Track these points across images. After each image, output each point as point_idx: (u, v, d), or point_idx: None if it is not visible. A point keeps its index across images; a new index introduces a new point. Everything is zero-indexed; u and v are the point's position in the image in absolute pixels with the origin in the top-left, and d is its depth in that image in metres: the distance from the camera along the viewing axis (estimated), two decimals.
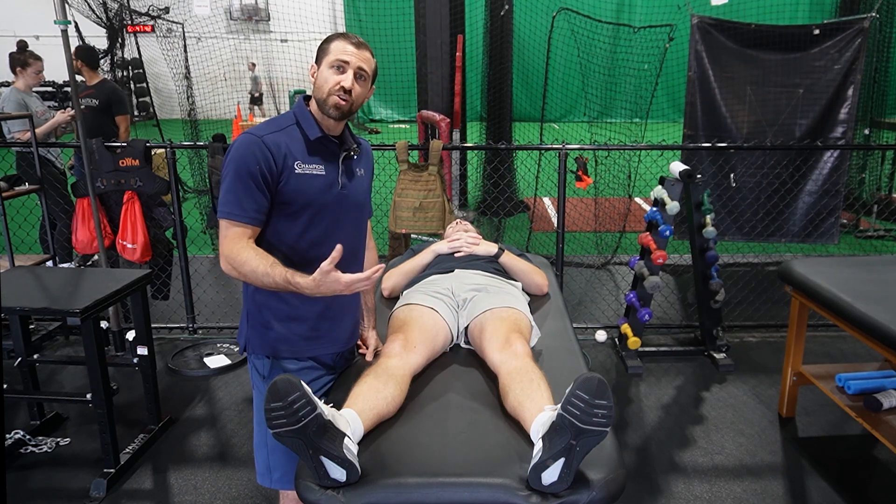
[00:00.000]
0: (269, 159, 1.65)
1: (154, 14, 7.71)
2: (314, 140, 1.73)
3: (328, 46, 1.74)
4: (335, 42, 1.74)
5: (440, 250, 2.61)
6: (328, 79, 1.71)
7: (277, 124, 1.74)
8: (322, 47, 1.76)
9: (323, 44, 1.76)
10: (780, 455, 2.88)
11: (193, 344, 4.00)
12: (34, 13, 13.07)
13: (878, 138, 6.55)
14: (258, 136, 1.67)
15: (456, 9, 6.23)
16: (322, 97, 1.72)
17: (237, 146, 1.67)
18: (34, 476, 2.75)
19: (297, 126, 1.75)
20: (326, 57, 1.73)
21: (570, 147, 3.89)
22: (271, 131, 1.71)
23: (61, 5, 3.13)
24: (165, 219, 3.95)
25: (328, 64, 1.72)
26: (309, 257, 1.74)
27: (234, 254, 1.65)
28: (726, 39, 4.74)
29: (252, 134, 1.68)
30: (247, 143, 1.66)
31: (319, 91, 1.73)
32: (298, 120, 1.76)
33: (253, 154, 1.64)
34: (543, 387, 1.65)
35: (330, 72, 1.71)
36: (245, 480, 2.71)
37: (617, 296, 4.76)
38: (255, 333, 1.81)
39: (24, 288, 2.72)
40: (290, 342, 1.81)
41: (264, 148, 1.66)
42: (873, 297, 2.55)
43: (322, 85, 1.72)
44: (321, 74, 1.73)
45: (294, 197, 1.70)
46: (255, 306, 1.79)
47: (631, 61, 5.96)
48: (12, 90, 4.58)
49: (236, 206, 1.65)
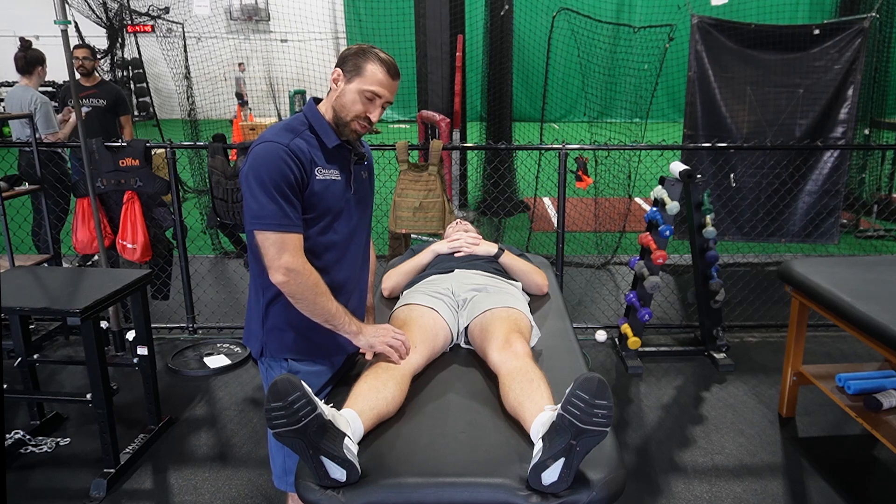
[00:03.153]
0: (298, 166, 1.64)
1: (154, 14, 7.71)
2: (331, 148, 1.73)
3: (364, 66, 1.69)
4: (372, 66, 1.69)
5: (440, 250, 2.61)
6: (355, 104, 1.70)
7: (293, 129, 1.70)
8: (355, 61, 1.70)
9: (354, 56, 1.70)
10: (780, 455, 2.88)
11: (193, 344, 4.00)
12: (34, 13, 13.05)
13: (878, 138, 6.55)
14: (283, 144, 1.63)
15: (456, 9, 6.23)
16: (344, 119, 1.71)
17: (264, 156, 1.63)
18: (34, 476, 2.75)
19: (311, 131, 1.73)
20: (359, 79, 1.69)
21: (570, 147, 3.89)
22: (291, 138, 1.67)
23: (61, 5, 3.13)
24: (165, 219, 3.95)
25: (359, 90, 1.68)
26: (323, 261, 1.75)
27: (307, 271, 1.66)
28: (726, 39, 4.74)
29: (274, 142, 1.64)
30: (273, 151, 1.62)
31: (343, 110, 1.71)
32: (313, 125, 1.73)
33: (284, 162, 1.62)
34: (543, 387, 1.65)
35: (359, 97, 1.69)
36: (245, 480, 2.71)
37: (617, 296, 4.76)
38: (272, 338, 1.81)
39: (24, 288, 2.72)
40: (308, 347, 1.82)
41: (292, 155, 1.63)
42: (873, 297, 2.55)
43: (348, 106, 1.70)
44: (348, 95, 1.70)
45: (315, 203, 1.70)
46: (274, 312, 1.79)
47: (631, 61, 5.96)
48: (34, 91, 4.52)
49: (283, 216, 1.63)
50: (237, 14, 16.80)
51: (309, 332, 1.80)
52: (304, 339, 1.81)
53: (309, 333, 1.80)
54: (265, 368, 1.87)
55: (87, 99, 4.85)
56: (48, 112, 4.49)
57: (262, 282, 1.78)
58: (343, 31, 16.19)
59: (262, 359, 1.85)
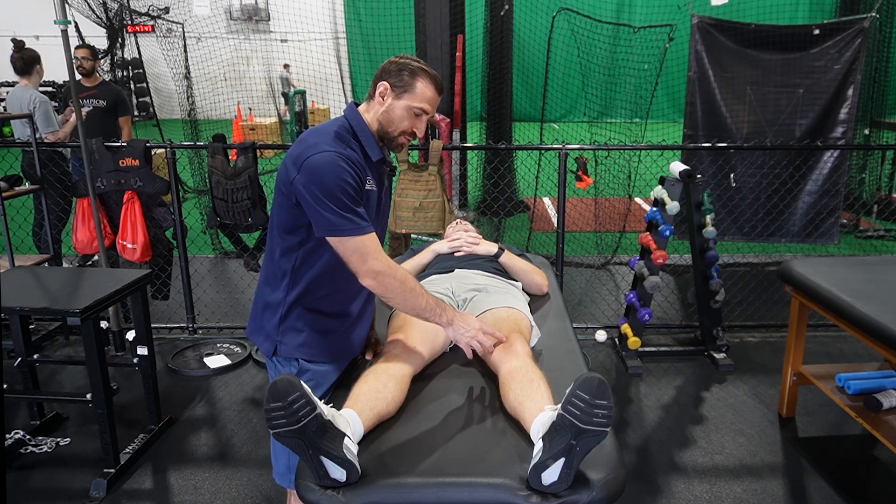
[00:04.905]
0: (355, 174, 1.65)
1: (154, 14, 7.71)
2: (375, 161, 1.76)
3: (414, 83, 1.70)
4: (423, 81, 1.71)
5: (440, 250, 2.61)
6: (403, 120, 1.72)
7: (342, 139, 1.70)
8: (403, 76, 1.71)
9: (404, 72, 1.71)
10: (780, 455, 2.88)
11: (193, 344, 4.00)
12: (34, 13, 13.05)
13: (878, 138, 6.55)
14: (339, 153, 1.64)
15: (456, 9, 6.23)
16: (391, 134, 1.74)
17: (327, 167, 1.61)
18: (34, 476, 2.75)
19: (356, 140, 1.73)
20: (409, 95, 1.71)
21: (570, 147, 3.89)
22: (343, 147, 1.67)
23: (61, 5, 3.13)
24: (165, 219, 3.95)
25: (409, 107, 1.71)
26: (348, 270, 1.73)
27: (393, 270, 1.69)
28: (726, 39, 4.74)
29: (332, 151, 1.64)
30: (336, 162, 1.62)
31: (391, 125, 1.73)
32: (358, 135, 1.74)
33: (347, 171, 1.63)
34: (543, 387, 1.65)
35: (407, 113, 1.72)
36: (245, 480, 2.71)
37: (617, 296, 4.76)
38: (288, 339, 1.81)
39: (24, 288, 2.72)
40: (325, 348, 1.83)
41: (350, 164, 1.64)
42: (873, 297, 2.55)
43: (396, 121, 1.73)
44: (397, 111, 1.72)
45: None
46: (296, 314, 1.80)
47: (631, 61, 5.96)
48: (34, 91, 4.52)
49: (359, 219, 1.64)
50: (237, 14, 16.80)
51: (325, 334, 1.81)
52: (319, 341, 1.82)
53: (325, 336, 1.82)
54: (275, 367, 1.87)
55: (87, 99, 4.85)
56: (48, 111, 4.49)
57: (287, 282, 1.78)
58: (343, 31, 16.19)
59: (273, 358, 1.85)
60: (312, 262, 1.76)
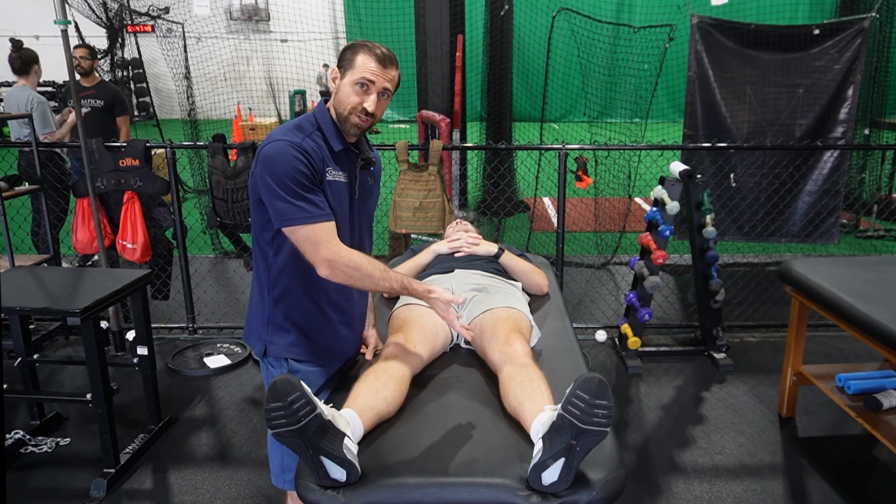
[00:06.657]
0: (311, 164, 1.64)
1: (154, 14, 7.71)
2: (338, 151, 1.73)
3: (353, 59, 1.68)
4: (360, 56, 1.67)
5: (440, 250, 2.61)
6: (350, 96, 1.68)
7: (302, 129, 1.70)
8: (346, 56, 1.69)
9: (347, 51, 1.70)
10: (780, 455, 2.88)
11: (193, 344, 4.00)
12: (34, 13, 13.05)
13: (878, 138, 6.55)
14: (294, 143, 1.63)
15: (456, 9, 6.23)
16: (343, 114, 1.70)
17: (275, 154, 1.62)
18: (34, 476, 2.75)
19: (320, 132, 1.72)
20: (350, 71, 1.67)
21: (570, 147, 3.89)
22: (302, 137, 1.66)
23: (61, 5, 3.13)
24: (165, 219, 3.95)
25: (352, 81, 1.67)
26: None
27: (346, 258, 1.65)
28: (726, 39, 4.74)
29: (283, 140, 1.64)
30: (286, 150, 1.62)
31: (341, 106, 1.70)
32: (321, 126, 1.73)
33: (298, 159, 1.62)
34: (543, 387, 1.65)
35: (353, 89, 1.67)
36: (245, 480, 2.71)
37: (617, 296, 4.76)
38: (277, 339, 1.81)
39: (24, 288, 2.72)
40: (313, 348, 1.82)
41: (305, 153, 1.63)
42: (873, 297, 2.55)
43: (344, 101, 1.69)
44: (343, 89, 1.69)
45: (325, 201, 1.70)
46: (279, 313, 1.80)
47: (631, 61, 5.96)
48: (32, 91, 4.51)
49: (311, 207, 1.63)
50: (237, 14, 16.82)
51: (312, 334, 1.81)
52: (306, 341, 1.81)
53: (312, 335, 1.81)
54: (266, 368, 1.87)
55: (86, 99, 4.85)
56: (45, 111, 4.48)
57: (267, 281, 1.79)
58: (343, 31, 16.19)
59: (264, 358, 1.86)
60: (283, 258, 1.75)
